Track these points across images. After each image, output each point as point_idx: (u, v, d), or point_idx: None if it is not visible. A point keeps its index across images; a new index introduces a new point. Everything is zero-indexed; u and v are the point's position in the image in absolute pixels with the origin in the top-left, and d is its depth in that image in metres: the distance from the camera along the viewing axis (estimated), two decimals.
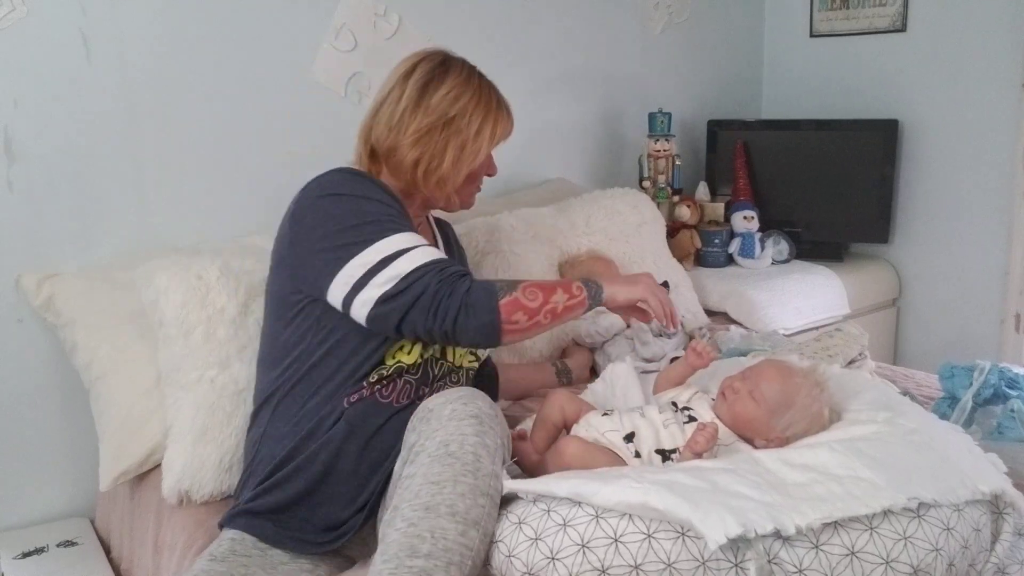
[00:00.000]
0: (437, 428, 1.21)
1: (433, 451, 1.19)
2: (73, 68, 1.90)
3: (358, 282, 1.35)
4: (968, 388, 1.68)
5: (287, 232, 1.46)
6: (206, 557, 1.31)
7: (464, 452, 1.18)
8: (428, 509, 1.13)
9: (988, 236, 2.74)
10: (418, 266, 1.35)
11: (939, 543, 1.14)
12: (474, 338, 1.37)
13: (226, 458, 1.60)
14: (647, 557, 1.10)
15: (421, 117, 1.49)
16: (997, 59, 2.64)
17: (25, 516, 1.97)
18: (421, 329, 1.35)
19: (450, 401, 1.25)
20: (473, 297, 1.35)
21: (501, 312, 1.35)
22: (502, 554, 1.16)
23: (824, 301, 2.69)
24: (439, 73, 1.52)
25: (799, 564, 1.10)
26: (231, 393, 1.63)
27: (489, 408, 1.26)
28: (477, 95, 1.53)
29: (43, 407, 1.96)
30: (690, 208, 2.78)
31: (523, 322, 1.37)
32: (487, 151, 1.56)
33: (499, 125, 1.55)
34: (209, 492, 1.60)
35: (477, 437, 1.20)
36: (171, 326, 1.64)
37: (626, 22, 2.87)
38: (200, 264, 1.68)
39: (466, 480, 1.16)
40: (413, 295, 1.34)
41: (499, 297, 1.36)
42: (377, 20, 2.30)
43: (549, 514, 1.16)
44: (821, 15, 3.07)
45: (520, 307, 1.36)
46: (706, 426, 1.28)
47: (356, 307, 1.36)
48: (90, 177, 1.95)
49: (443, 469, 1.16)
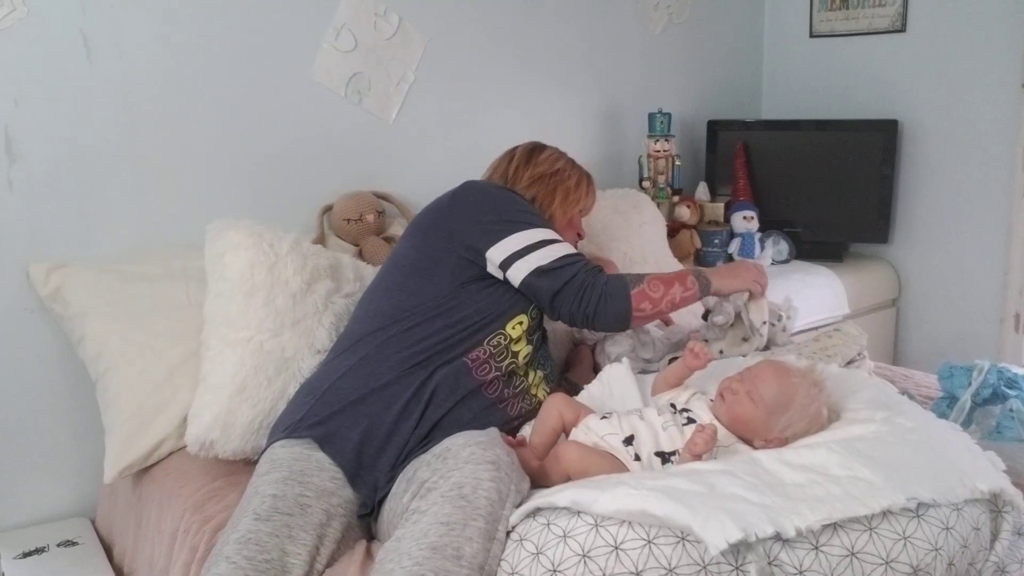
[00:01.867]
0: (454, 469, 1.23)
1: (446, 491, 1.20)
2: (73, 68, 1.90)
3: (519, 251, 1.58)
4: (967, 388, 1.68)
5: (446, 205, 1.67)
6: (250, 516, 1.31)
7: (477, 496, 1.19)
8: (435, 550, 1.14)
9: (988, 236, 2.75)
10: (569, 254, 1.60)
11: (938, 543, 1.14)
12: (610, 323, 1.60)
13: (257, 420, 1.62)
14: (648, 563, 1.10)
15: (532, 168, 1.82)
16: (997, 59, 2.64)
17: (26, 516, 1.96)
18: (567, 309, 1.59)
19: (469, 444, 1.27)
20: (611, 287, 1.58)
21: (632, 300, 1.58)
22: (505, 572, 1.16)
23: (824, 301, 2.69)
24: (539, 147, 1.88)
25: (799, 566, 1.10)
26: (277, 359, 1.67)
27: (507, 456, 1.27)
28: (572, 161, 1.88)
29: (43, 407, 1.96)
30: (690, 208, 2.78)
31: (648, 310, 1.60)
32: (586, 202, 1.88)
33: (591, 186, 1.89)
34: (233, 449, 1.62)
35: (492, 483, 1.21)
36: (234, 282, 1.69)
37: (626, 22, 2.87)
38: (273, 234, 1.75)
39: (476, 524, 1.16)
40: (565, 277, 1.57)
41: (631, 288, 1.59)
42: (377, 20, 2.30)
43: (549, 527, 1.16)
44: (821, 15, 3.07)
45: (646, 297, 1.60)
46: (705, 428, 1.28)
47: (515, 269, 1.58)
48: (90, 177, 1.95)
49: (454, 511, 1.17)
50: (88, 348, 1.82)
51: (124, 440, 1.72)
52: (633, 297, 1.58)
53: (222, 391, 1.64)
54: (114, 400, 1.76)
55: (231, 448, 1.62)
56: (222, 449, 1.62)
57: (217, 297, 1.72)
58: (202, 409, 1.64)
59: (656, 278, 1.62)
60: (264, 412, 1.64)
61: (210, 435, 1.61)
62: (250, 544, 1.26)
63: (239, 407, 1.63)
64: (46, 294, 1.86)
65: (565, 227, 1.82)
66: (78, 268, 1.88)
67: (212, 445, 1.62)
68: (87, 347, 1.82)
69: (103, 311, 1.82)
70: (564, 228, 1.81)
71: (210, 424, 1.62)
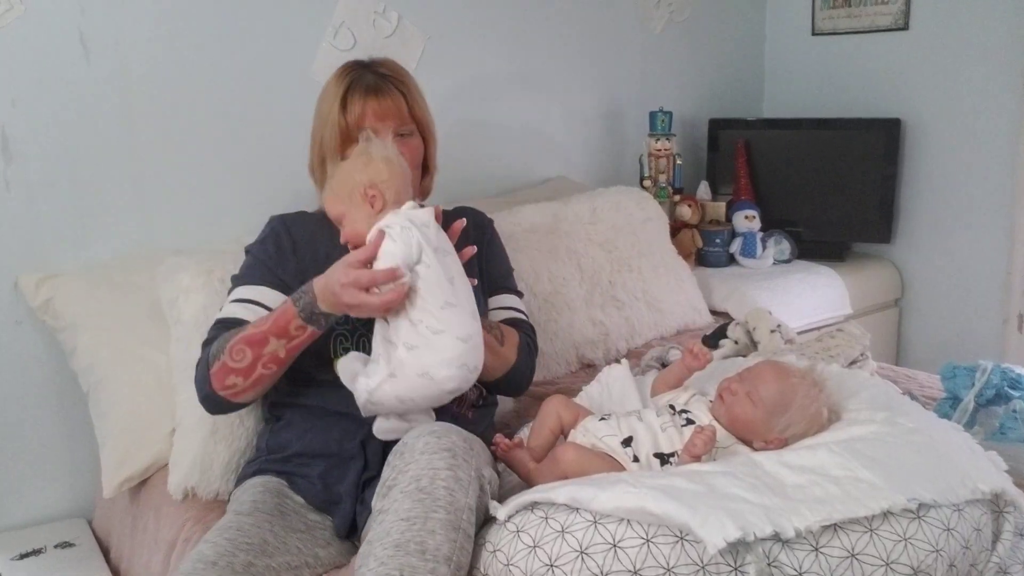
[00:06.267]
0: (410, 462, 1.20)
1: (405, 486, 1.17)
2: (71, 67, 1.90)
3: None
4: (970, 388, 1.67)
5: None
6: (231, 513, 1.32)
7: (436, 487, 1.16)
8: (398, 547, 1.12)
9: (991, 235, 2.73)
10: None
11: (939, 544, 1.13)
12: (211, 412, 1.49)
13: (234, 459, 1.61)
14: (646, 562, 1.09)
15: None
16: (1000, 57, 2.63)
17: (22, 517, 1.96)
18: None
19: (423, 435, 1.23)
20: (197, 374, 1.44)
21: (214, 383, 1.40)
22: (500, 563, 1.15)
23: (826, 301, 2.68)
24: None
25: (799, 567, 1.09)
26: None
27: (463, 442, 1.24)
28: None
29: (41, 408, 1.95)
30: (691, 207, 2.77)
31: (242, 384, 1.39)
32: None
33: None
34: (216, 490, 1.60)
35: (450, 471, 1.18)
36: (190, 326, 1.65)
37: (627, 20, 2.86)
38: (224, 269, 1.69)
39: (437, 516, 1.14)
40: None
41: (210, 367, 1.40)
42: (376, 18, 2.30)
43: (547, 521, 1.15)
44: (823, 13, 3.06)
45: (230, 371, 1.38)
46: (704, 429, 1.27)
47: None
48: (88, 177, 1.94)
49: (414, 505, 1.15)
50: (80, 360, 1.81)
51: (121, 453, 1.71)
52: (214, 378, 1.39)
53: (195, 435, 1.61)
54: (107, 412, 1.76)
55: (213, 489, 1.60)
56: (204, 491, 1.60)
57: (177, 342, 1.69)
58: (180, 456, 1.62)
59: (242, 340, 1.37)
60: (240, 451, 1.61)
61: (189, 481, 1.60)
62: (231, 529, 1.27)
63: (214, 448, 1.60)
64: (37, 305, 1.86)
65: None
66: (69, 278, 1.87)
67: (194, 491, 1.60)
68: (79, 359, 1.82)
69: (94, 322, 1.81)
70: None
71: (188, 470, 1.60)
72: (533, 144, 2.70)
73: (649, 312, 2.31)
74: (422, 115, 1.65)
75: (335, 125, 1.57)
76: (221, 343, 1.40)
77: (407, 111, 1.61)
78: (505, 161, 2.66)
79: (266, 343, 1.36)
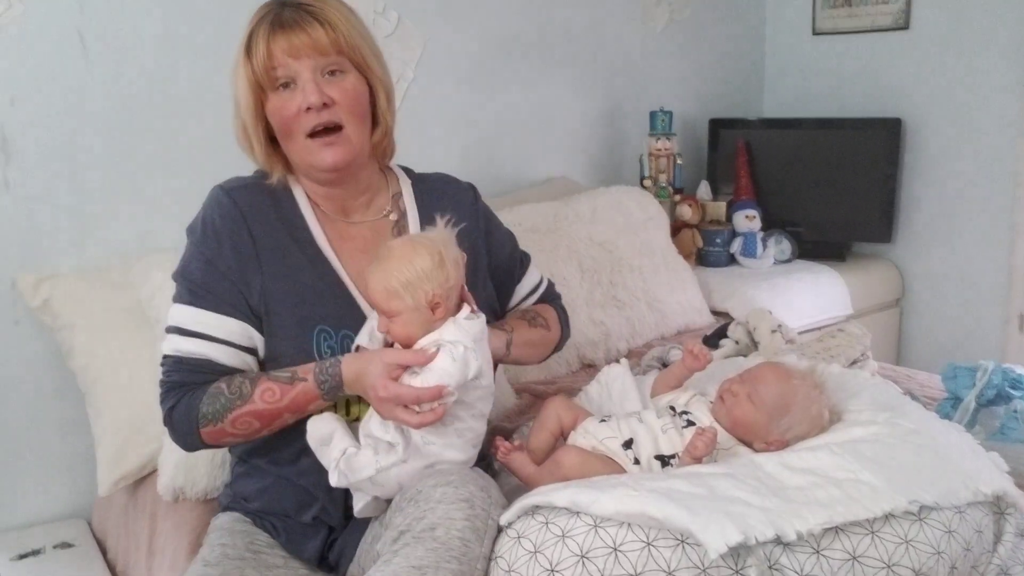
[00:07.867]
0: (426, 511, 1.16)
1: (418, 533, 1.14)
2: (70, 67, 1.89)
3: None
4: (971, 389, 1.67)
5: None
6: (199, 563, 1.29)
7: (451, 537, 1.13)
8: None
9: (992, 235, 2.73)
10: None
11: (941, 546, 1.13)
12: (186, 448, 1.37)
13: (218, 455, 1.60)
14: (647, 566, 1.08)
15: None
16: (1001, 57, 2.62)
17: (21, 518, 1.96)
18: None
19: (440, 485, 1.19)
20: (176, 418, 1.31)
21: (204, 438, 1.30)
22: (502, 569, 1.14)
23: (826, 301, 2.67)
24: None
25: (800, 570, 1.09)
26: None
27: (481, 491, 1.20)
28: None
29: (39, 409, 1.95)
30: (691, 207, 2.77)
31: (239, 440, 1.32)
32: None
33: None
34: (203, 488, 1.60)
35: (467, 522, 1.15)
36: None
37: (627, 19, 2.86)
38: None
39: (449, 567, 1.10)
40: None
41: (201, 425, 1.28)
42: (376, 18, 2.29)
43: (547, 526, 1.14)
44: (824, 13, 3.05)
45: (227, 434, 1.30)
46: (705, 431, 1.27)
47: None
48: (87, 176, 1.94)
49: (426, 554, 1.11)
50: (77, 359, 1.81)
51: (116, 451, 1.71)
52: (206, 436, 1.30)
53: None
54: (103, 411, 1.76)
55: (200, 489, 1.59)
56: (191, 492, 1.59)
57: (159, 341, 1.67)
58: (166, 458, 1.61)
59: (251, 413, 1.27)
60: (222, 449, 1.57)
61: (176, 482, 1.59)
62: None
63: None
64: (35, 305, 1.85)
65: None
66: (67, 278, 1.87)
67: (182, 491, 1.59)
68: (76, 359, 1.81)
69: (91, 322, 1.80)
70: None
71: (174, 472, 1.59)
72: (533, 144, 2.70)
73: (650, 312, 2.31)
74: (356, 47, 1.32)
75: (244, 78, 1.33)
76: (215, 407, 1.27)
77: (330, 43, 1.29)
78: (505, 161, 2.65)
79: (279, 417, 1.28)
